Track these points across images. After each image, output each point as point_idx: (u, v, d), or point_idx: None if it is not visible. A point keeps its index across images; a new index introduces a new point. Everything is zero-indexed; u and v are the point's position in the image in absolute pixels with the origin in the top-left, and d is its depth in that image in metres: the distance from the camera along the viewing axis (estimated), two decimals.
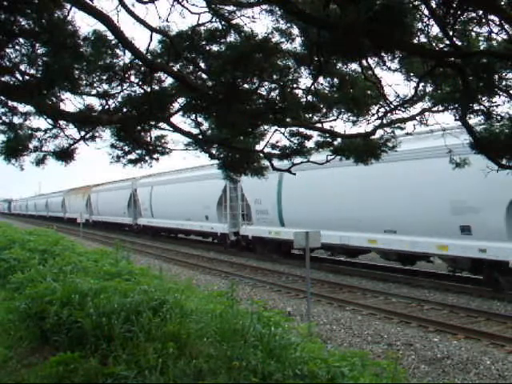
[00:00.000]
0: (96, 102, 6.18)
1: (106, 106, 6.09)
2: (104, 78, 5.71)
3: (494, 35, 4.51)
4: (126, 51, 5.36)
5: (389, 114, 5.91)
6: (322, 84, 5.79)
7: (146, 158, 7.18)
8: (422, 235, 12.83)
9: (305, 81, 5.71)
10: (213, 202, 22.24)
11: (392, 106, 5.69)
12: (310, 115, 6.34)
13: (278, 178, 17.48)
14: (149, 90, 5.72)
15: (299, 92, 5.82)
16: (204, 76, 5.69)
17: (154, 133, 7.00)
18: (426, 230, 12.74)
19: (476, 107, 5.24)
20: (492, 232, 11.36)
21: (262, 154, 6.85)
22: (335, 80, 5.68)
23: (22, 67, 5.33)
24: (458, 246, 12.04)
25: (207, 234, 24.14)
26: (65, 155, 6.48)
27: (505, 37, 4.42)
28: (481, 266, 12.20)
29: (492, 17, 4.17)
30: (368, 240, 14.56)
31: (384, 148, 6.40)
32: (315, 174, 14.29)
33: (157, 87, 5.87)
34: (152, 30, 5.30)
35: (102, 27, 5.06)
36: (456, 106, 5.30)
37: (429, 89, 5.54)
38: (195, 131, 6.54)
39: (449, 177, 10.35)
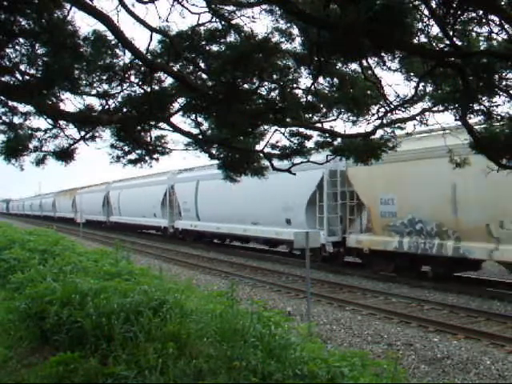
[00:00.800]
0: (96, 102, 6.18)
1: (106, 106, 6.09)
2: (104, 78, 5.70)
3: (494, 35, 4.51)
4: (126, 51, 5.35)
5: (389, 114, 5.90)
6: (322, 84, 5.79)
7: (146, 158, 7.17)
8: (270, 226, 19.05)
9: (305, 81, 5.71)
10: (158, 202, 28.35)
11: (392, 106, 5.68)
12: (310, 115, 6.34)
13: (195, 184, 24.27)
14: (149, 90, 5.71)
15: (299, 92, 5.82)
16: (204, 76, 5.69)
17: (154, 133, 6.99)
18: (271, 222, 19.01)
19: (476, 107, 5.23)
20: (300, 223, 17.39)
21: (261, 154, 6.85)
22: (335, 80, 5.67)
23: (22, 67, 5.33)
24: (285, 232, 17.76)
25: (156, 227, 29.96)
26: (65, 155, 6.48)
27: (505, 37, 4.41)
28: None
29: (492, 17, 4.16)
30: (243, 230, 20.86)
31: (384, 148, 6.39)
32: (218, 182, 15.37)
33: (157, 87, 5.87)
34: (152, 30, 5.30)
35: (102, 27, 5.06)
36: (456, 105, 5.30)
37: (429, 89, 5.53)
38: (195, 131, 6.54)
39: (281, 187, 16.58)
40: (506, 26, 4.17)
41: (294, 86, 5.69)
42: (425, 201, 13.31)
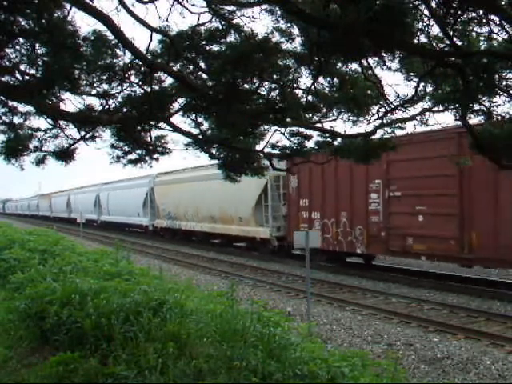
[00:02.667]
0: (96, 102, 6.18)
1: (106, 106, 6.09)
2: (104, 78, 5.70)
3: (494, 35, 4.51)
4: (126, 51, 5.35)
5: (389, 114, 5.90)
6: (322, 84, 5.79)
7: (146, 158, 7.18)
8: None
9: (305, 81, 5.72)
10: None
11: (392, 106, 5.69)
12: (310, 115, 6.34)
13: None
14: (149, 90, 5.71)
15: (299, 92, 5.82)
16: (204, 76, 5.69)
17: (154, 133, 7.00)
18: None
19: (476, 107, 5.23)
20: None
21: (262, 154, 6.85)
22: (335, 80, 5.67)
23: (22, 67, 5.33)
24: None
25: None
26: (65, 155, 6.48)
27: (505, 37, 4.41)
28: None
29: (492, 17, 4.17)
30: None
31: (384, 148, 6.40)
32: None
33: (157, 87, 5.87)
34: (152, 29, 5.29)
35: (102, 27, 5.06)
36: (456, 105, 5.30)
37: (429, 89, 5.53)
38: (195, 131, 6.54)
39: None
40: (506, 26, 4.17)
41: (294, 85, 5.69)
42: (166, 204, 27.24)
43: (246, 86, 5.51)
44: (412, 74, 5.14)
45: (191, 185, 24.64)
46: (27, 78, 5.37)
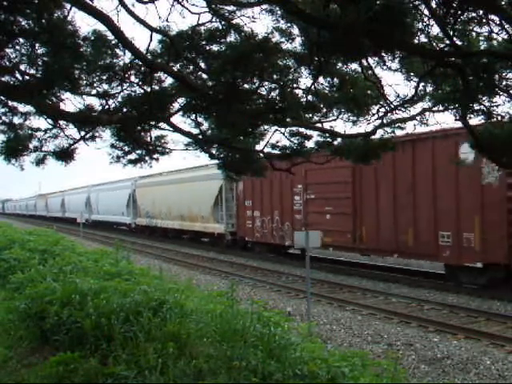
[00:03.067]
0: (96, 102, 6.19)
1: (106, 106, 6.09)
2: (104, 78, 5.71)
3: (494, 35, 4.51)
4: (126, 51, 5.35)
5: (389, 114, 5.91)
6: (322, 84, 5.79)
7: (146, 158, 7.18)
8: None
9: (305, 81, 5.72)
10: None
11: (392, 106, 5.69)
12: (310, 115, 6.34)
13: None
14: (149, 90, 5.72)
15: (299, 92, 5.82)
16: (204, 76, 5.69)
17: (154, 133, 7.01)
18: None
19: (476, 107, 5.23)
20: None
21: (262, 154, 6.85)
22: (335, 80, 5.68)
23: (22, 67, 5.33)
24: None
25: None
26: (65, 155, 6.48)
27: (505, 36, 4.41)
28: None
29: (492, 17, 4.17)
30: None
31: (384, 148, 6.40)
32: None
33: (157, 87, 5.87)
34: (152, 29, 5.30)
35: (102, 27, 5.06)
36: (456, 105, 5.30)
37: (429, 89, 5.54)
38: (195, 131, 6.54)
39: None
40: (506, 26, 4.17)
41: (294, 85, 5.69)
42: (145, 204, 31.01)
43: (246, 86, 5.51)
44: (412, 74, 5.15)
45: (166, 187, 28.16)
46: (27, 77, 5.37)
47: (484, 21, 4.29)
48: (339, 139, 6.68)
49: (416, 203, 13.48)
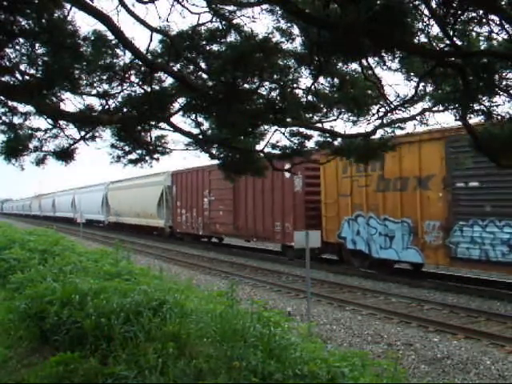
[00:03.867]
0: (96, 102, 6.18)
1: (106, 106, 6.09)
2: (104, 77, 5.70)
3: (494, 35, 4.51)
4: (126, 51, 5.35)
5: (389, 114, 5.90)
6: (322, 84, 5.79)
7: (147, 158, 7.18)
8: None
9: (305, 81, 5.71)
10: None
11: (392, 106, 5.68)
12: (310, 115, 6.34)
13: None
14: (149, 90, 5.71)
15: (299, 92, 5.82)
16: (204, 76, 5.68)
17: (154, 133, 7.00)
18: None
19: (476, 107, 5.23)
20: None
21: (262, 154, 6.84)
22: (335, 80, 5.67)
23: (22, 67, 5.33)
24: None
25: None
26: (65, 155, 6.48)
27: (505, 36, 4.41)
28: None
29: (492, 16, 4.16)
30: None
31: (384, 148, 6.39)
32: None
33: (157, 87, 5.87)
34: (152, 29, 5.29)
35: (102, 27, 5.06)
36: (456, 105, 5.30)
37: (429, 89, 5.53)
38: (195, 131, 6.54)
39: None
40: (506, 26, 4.16)
41: (295, 85, 5.69)
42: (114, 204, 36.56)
43: (246, 85, 5.50)
44: (412, 73, 5.14)
45: (127, 191, 34.52)
46: (27, 77, 5.37)
47: (484, 21, 4.28)
48: (339, 139, 6.67)
49: (264, 205, 20.06)
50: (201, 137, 6.63)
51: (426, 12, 4.00)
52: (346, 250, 16.31)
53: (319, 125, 6.44)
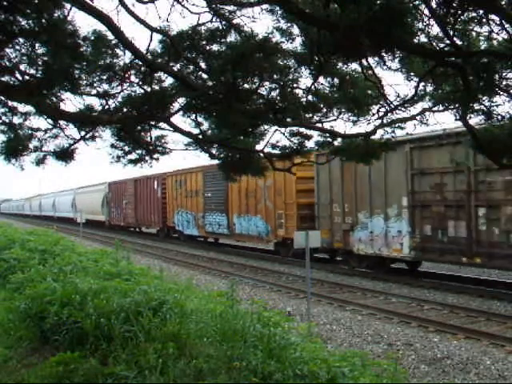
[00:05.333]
0: (96, 102, 6.18)
1: (106, 106, 6.09)
2: (104, 77, 5.71)
3: (494, 35, 4.51)
4: (126, 51, 5.35)
5: (389, 114, 5.89)
6: (322, 84, 5.78)
7: (147, 158, 7.18)
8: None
9: (305, 81, 5.71)
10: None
11: (392, 106, 5.68)
12: (310, 115, 6.33)
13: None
14: (149, 90, 5.71)
15: (299, 92, 5.82)
16: (204, 76, 5.68)
17: (154, 133, 7.00)
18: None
19: (476, 107, 5.23)
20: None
21: (262, 154, 6.85)
22: (335, 80, 5.67)
23: (22, 67, 5.33)
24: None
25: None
26: (65, 155, 6.48)
27: (505, 36, 4.41)
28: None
29: (492, 16, 4.16)
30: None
31: (384, 148, 6.39)
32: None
33: (157, 87, 5.87)
34: (152, 29, 5.29)
35: (102, 27, 5.06)
36: (456, 105, 5.30)
37: (429, 88, 5.53)
38: (195, 131, 6.54)
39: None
40: (506, 26, 4.16)
41: (295, 85, 5.69)
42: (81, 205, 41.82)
43: (246, 85, 5.50)
44: (412, 73, 5.14)
45: (84, 195, 44.07)
46: (27, 77, 5.37)
47: (484, 21, 4.28)
48: (339, 139, 6.67)
49: (147, 205, 31.02)
50: (201, 137, 6.63)
51: (426, 12, 4.00)
52: (176, 230, 28.23)
53: (319, 125, 6.43)
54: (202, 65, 5.58)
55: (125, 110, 5.95)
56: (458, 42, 4.41)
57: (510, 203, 11.25)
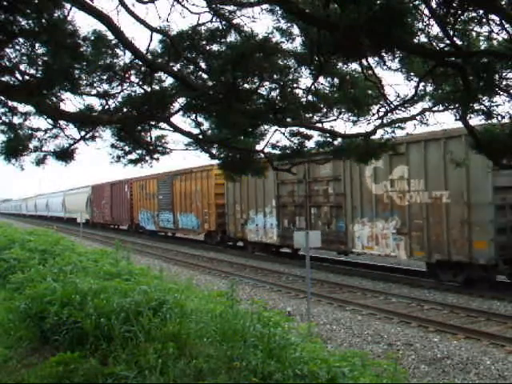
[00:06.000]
0: (96, 102, 6.19)
1: (106, 106, 6.09)
2: (104, 77, 5.71)
3: (494, 35, 4.51)
4: (126, 51, 5.35)
5: (389, 114, 5.89)
6: (322, 84, 5.78)
7: (147, 157, 7.19)
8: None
9: (305, 81, 5.72)
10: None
11: (392, 106, 5.68)
12: (310, 115, 6.33)
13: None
14: (149, 89, 5.71)
15: (299, 92, 5.82)
16: (204, 76, 5.69)
17: (154, 133, 7.01)
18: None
19: (476, 107, 5.23)
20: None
21: (262, 154, 6.85)
22: (335, 80, 5.67)
23: (22, 67, 5.33)
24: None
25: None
26: (65, 155, 6.48)
27: (505, 36, 4.41)
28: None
29: (492, 16, 4.16)
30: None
31: (384, 148, 6.39)
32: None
33: (157, 87, 5.87)
34: (152, 29, 5.29)
35: (102, 27, 5.06)
36: (456, 105, 5.30)
37: (429, 88, 5.53)
38: (195, 131, 6.54)
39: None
40: (506, 26, 4.16)
41: (295, 85, 5.69)
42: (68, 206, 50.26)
43: (246, 85, 5.50)
44: (412, 73, 5.14)
45: (71, 196, 48.71)
46: (27, 77, 5.37)
47: (484, 21, 4.28)
48: (339, 139, 6.67)
49: (120, 205, 35.42)
50: (201, 137, 6.63)
51: (426, 12, 4.00)
52: (140, 226, 32.94)
53: (319, 125, 6.43)
54: (202, 65, 5.58)
55: (125, 110, 5.96)
56: (458, 42, 4.41)
57: (326, 205, 16.87)
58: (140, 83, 5.85)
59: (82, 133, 6.43)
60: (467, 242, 12.21)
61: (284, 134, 6.56)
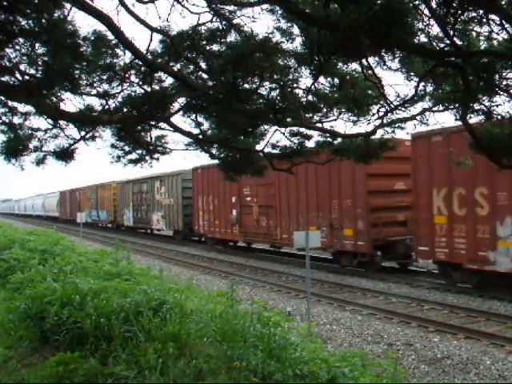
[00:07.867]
0: (96, 102, 6.18)
1: (106, 106, 6.09)
2: (104, 77, 5.71)
3: (494, 35, 4.51)
4: (126, 51, 5.35)
5: (389, 114, 5.89)
6: (322, 84, 5.78)
7: (147, 157, 7.19)
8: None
9: (305, 81, 5.71)
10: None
11: (392, 106, 5.68)
12: (311, 115, 6.33)
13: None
14: (149, 89, 5.71)
15: (299, 92, 5.82)
16: (204, 76, 5.69)
17: (154, 133, 7.00)
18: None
19: (476, 107, 5.22)
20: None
21: (262, 154, 6.84)
22: (335, 80, 5.67)
23: (22, 67, 5.33)
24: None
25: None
26: (65, 155, 6.48)
27: (505, 36, 4.41)
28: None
29: (493, 16, 4.16)
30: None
31: (384, 148, 6.39)
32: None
33: (157, 87, 5.87)
34: (152, 29, 5.29)
35: (102, 27, 5.06)
36: (456, 105, 5.29)
37: (429, 88, 5.52)
38: (195, 131, 6.54)
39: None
40: (506, 26, 4.16)
41: (295, 85, 5.69)
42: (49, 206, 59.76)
43: (246, 85, 5.50)
44: (412, 73, 5.13)
45: (48, 199, 58.80)
46: (27, 77, 5.37)
47: (484, 21, 4.28)
48: (339, 139, 6.67)
49: (71, 206, 48.31)
50: (201, 137, 6.63)
51: (426, 12, 4.00)
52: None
53: (319, 125, 6.43)
54: (202, 65, 5.58)
55: (125, 110, 5.96)
56: (458, 42, 4.41)
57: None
58: (140, 83, 5.85)
59: (82, 133, 6.43)
60: None
61: (284, 134, 6.56)
